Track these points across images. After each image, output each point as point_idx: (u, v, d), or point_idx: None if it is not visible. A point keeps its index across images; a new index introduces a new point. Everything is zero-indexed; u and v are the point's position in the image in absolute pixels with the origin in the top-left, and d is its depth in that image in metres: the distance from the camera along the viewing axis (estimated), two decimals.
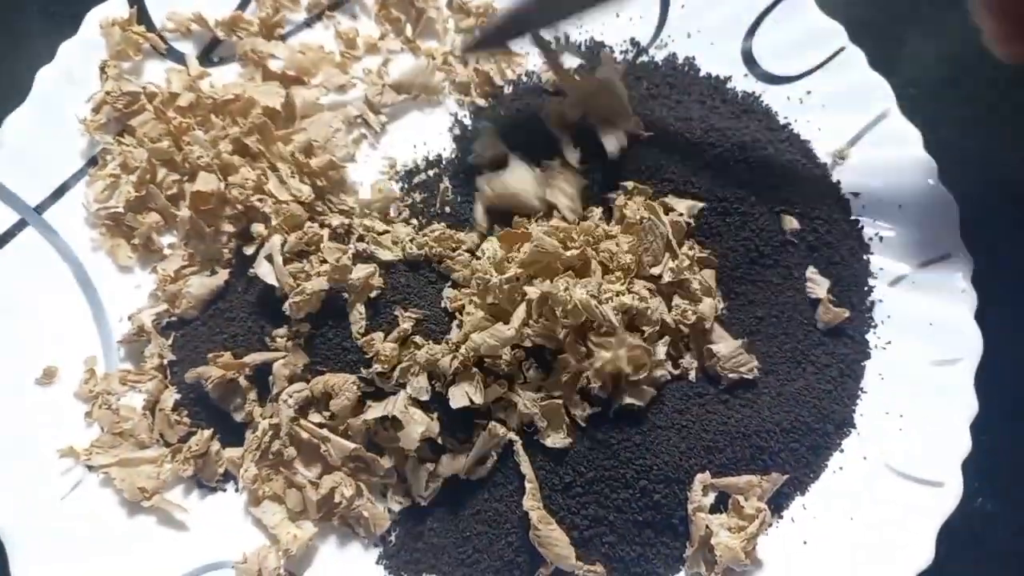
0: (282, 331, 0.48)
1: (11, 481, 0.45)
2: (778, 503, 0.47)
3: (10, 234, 0.51)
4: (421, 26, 0.59)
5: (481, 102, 0.56)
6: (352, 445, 0.45)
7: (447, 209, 0.52)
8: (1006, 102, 0.38)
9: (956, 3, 0.44)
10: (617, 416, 0.45)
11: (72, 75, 0.55)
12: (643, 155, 0.51)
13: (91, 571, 0.44)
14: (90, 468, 0.47)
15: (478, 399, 0.44)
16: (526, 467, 0.44)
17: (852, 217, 0.54)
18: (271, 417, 0.46)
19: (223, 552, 0.46)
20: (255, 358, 0.47)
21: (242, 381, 0.47)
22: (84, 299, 0.51)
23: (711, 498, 0.45)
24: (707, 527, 0.44)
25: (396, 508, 0.46)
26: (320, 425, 0.46)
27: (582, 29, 0.60)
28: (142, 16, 0.57)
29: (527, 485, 0.44)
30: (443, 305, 0.47)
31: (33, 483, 0.46)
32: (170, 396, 0.48)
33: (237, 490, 0.48)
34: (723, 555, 0.43)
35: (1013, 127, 0.60)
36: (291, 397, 0.46)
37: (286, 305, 0.46)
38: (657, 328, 0.46)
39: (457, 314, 0.47)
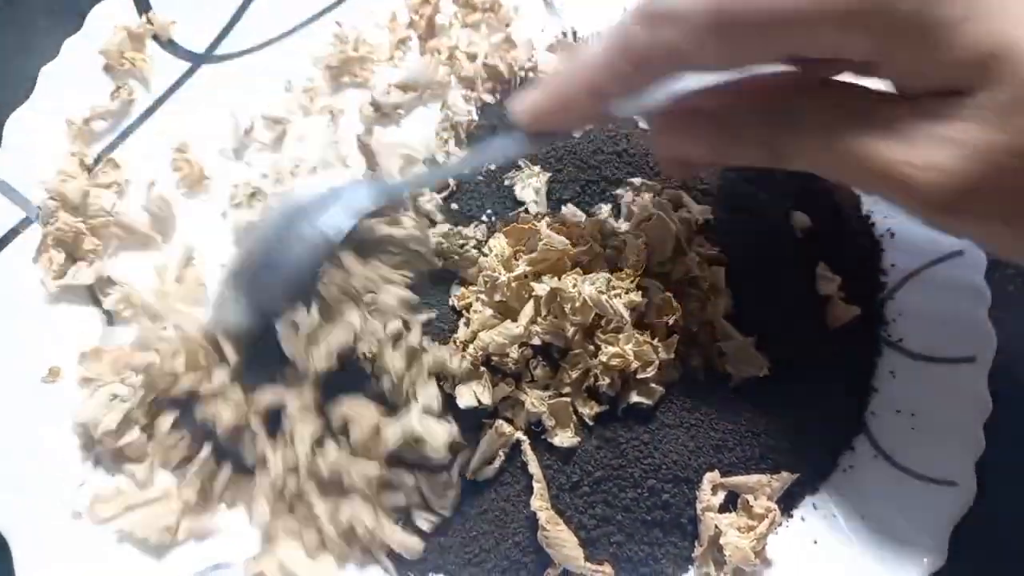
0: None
1: (15, 482, 0.45)
2: (788, 502, 0.46)
3: (14, 232, 0.51)
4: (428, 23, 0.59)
5: (488, 98, 0.56)
6: (376, 471, 0.43)
7: (454, 206, 0.51)
8: None
9: None
10: (625, 415, 0.45)
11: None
12: (652, 151, 0.50)
13: (95, 573, 0.44)
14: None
15: (486, 399, 0.44)
16: (534, 467, 0.44)
17: (863, 213, 0.53)
18: (285, 456, 0.44)
19: (231, 552, 0.45)
20: (266, 397, 0.44)
21: (254, 425, 0.44)
22: (88, 296, 0.51)
23: (720, 497, 0.45)
24: (716, 527, 0.43)
25: (426, 527, 0.45)
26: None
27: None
28: (141, 5, 0.56)
29: (535, 485, 0.43)
30: (451, 303, 0.47)
31: (37, 484, 0.46)
32: (166, 420, 0.46)
33: None
34: (732, 555, 0.43)
35: None
36: (306, 438, 0.43)
37: None
38: (665, 324, 0.45)
39: (464, 312, 0.46)
